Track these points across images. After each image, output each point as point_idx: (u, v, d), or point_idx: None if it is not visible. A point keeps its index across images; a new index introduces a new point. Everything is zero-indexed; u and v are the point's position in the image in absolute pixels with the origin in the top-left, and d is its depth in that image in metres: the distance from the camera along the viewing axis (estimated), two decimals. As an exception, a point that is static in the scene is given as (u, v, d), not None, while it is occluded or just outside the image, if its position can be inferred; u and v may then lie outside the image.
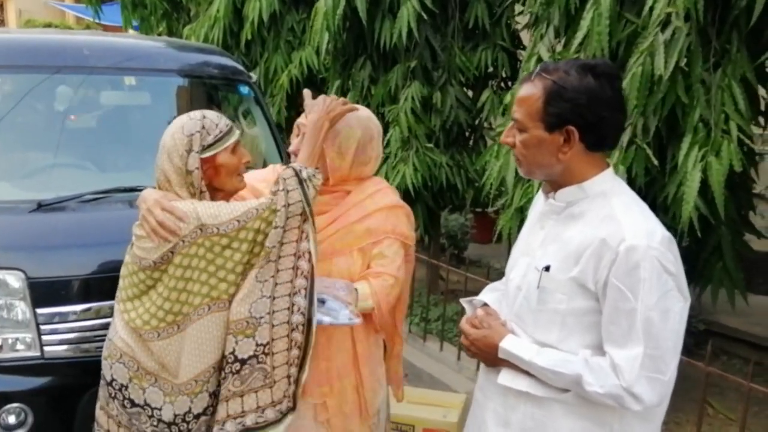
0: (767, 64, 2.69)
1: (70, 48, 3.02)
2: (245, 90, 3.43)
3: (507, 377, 1.56)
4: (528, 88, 1.49)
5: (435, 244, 5.02)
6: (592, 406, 1.47)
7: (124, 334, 1.77)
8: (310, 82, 5.17)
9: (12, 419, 2.25)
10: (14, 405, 2.25)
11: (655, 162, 2.62)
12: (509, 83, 4.43)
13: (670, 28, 2.52)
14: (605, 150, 1.55)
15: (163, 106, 3.21)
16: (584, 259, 1.44)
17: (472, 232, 5.96)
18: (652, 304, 1.39)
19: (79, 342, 2.33)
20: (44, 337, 2.30)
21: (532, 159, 1.52)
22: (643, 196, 1.70)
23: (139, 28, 7.64)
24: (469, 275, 3.72)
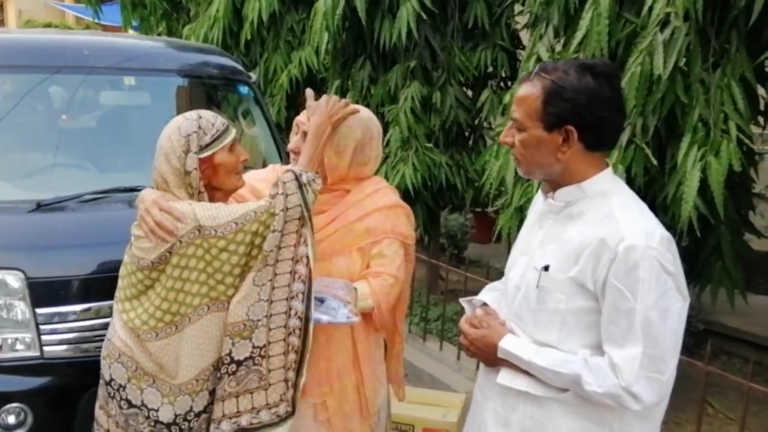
0: (766, 63, 2.69)
1: (70, 48, 3.02)
2: (245, 90, 3.43)
3: (506, 377, 1.56)
4: (527, 88, 1.49)
5: (435, 244, 5.02)
6: (591, 406, 1.47)
7: (123, 334, 1.77)
8: (310, 82, 5.16)
9: (12, 419, 2.25)
10: (14, 405, 2.25)
11: (655, 162, 2.62)
12: (509, 83, 4.43)
13: (670, 28, 2.52)
14: (604, 150, 1.55)
15: (162, 106, 3.20)
16: (583, 258, 1.44)
17: (472, 232, 5.96)
18: (651, 304, 1.39)
19: (79, 342, 2.33)
20: (44, 337, 2.30)
21: (531, 159, 1.52)
22: (643, 196, 1.70)
23: (139, 28, 7.64)
24: (469, 275, 3.72)
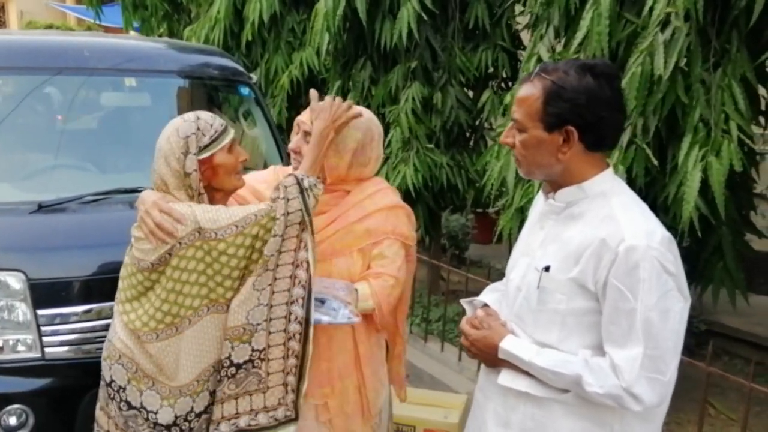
0: (767, 63, 2.69)
1: (71, 49, 3.02)
2: (246, 91, 3.43)
3: (507, 378, 1.56)
4: (527, 89, 1.49)
5: (436, 245, 5.02)
6: (592, 407, 1.47)
7: (123, 336, 1.77)
8: (311, 82, 5.16)
9: (13, 420, 2.25)
10: (15, 406, 2.25)
11: (655, 162, 2.62)
12: (510, 83, 4.43)
13: (670, 28, 2.52)
14: (605, 150, 1.55)
15: (163, 107, 3.20)
16: (584, 259, 1.44)
17: (473, 233, 5.96)
18: (652, 305, 1.38)
19: (80, 343, 2.33)
20: (45, 339, 2.30)
21: (532, 159, 1.52)
22: (644, 197, 1.70)
23: (140, 29, 7.65)
24: (470, 276, 3.72)
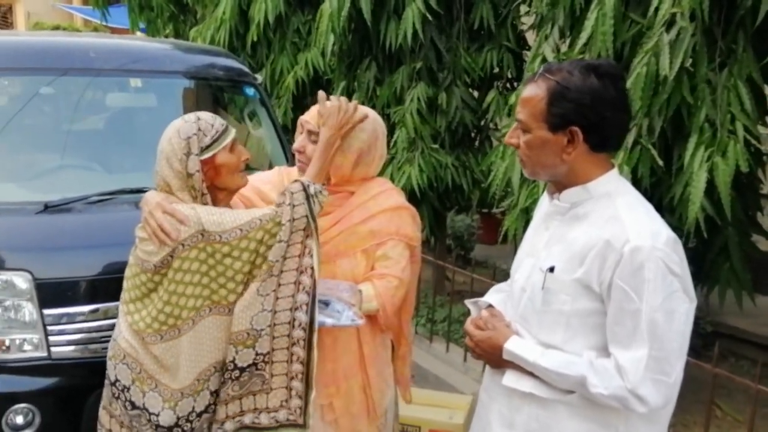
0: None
1: (77, 50, 3.04)
2: (251, 92, 3.44)
3: (512, 378, 1.56)
4: (531, 89, 1.49)
5: (441, 245, 5.01)
6: (597, 408, 1.47)
7: (128, 335, 1.77)
8: (316, 83, 5.17)
9: (20, 419, 2.27)
10: (22, 405, 2.27)
11: (661, 163, 2.61)
12: (515, 84, 4.42)
13: (676, 28, 2.51)
14: (609, 151, 1.54)
15: (168, 107, 3.21)
16: (589, 260, 1.44)
17: (479, 233, 5.95)
18: (657, 306, 1.38)
19: (87, 343, 2.35)
20: (51, 338, 2.31)
21: (536, 160, 1.52)
22: (649, 197, 1.69)
23: (146, 30, 7.67)
24: (475, 276, 3.71)
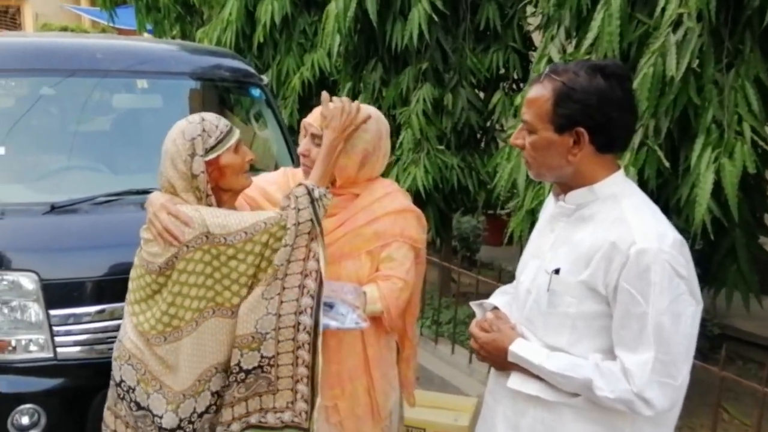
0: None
1: (83, 51, 3.05)
2: (257, 93, 3.44)
3: (517, 381, 1.55)
4: (537, 90, 1.48)
5: (447, 247, 5.00)
6: (602, 411, 1.46)
7: (133, 336, 1.78)
8: (322, 84, 5.18)
9: (25, 420, 2.27)
10: (27, 406, 2.27)
11: (667, 164, 2.60)
12: (521, 85, 4.41)
13: (682, 29, 2.49)
14: (616, 152, 1.53)
15: (175, 108, 3.22)
16: (594, 262, 1.43)
17: (485, 235, 5.94)
18: (663, 308, 1.37)
19: (93, 343, 2.35)
20: (57, 339, 2.32)
21: (542, 161, 1.51)
22: (656, 199, 1.68)
23: (153, 31, 7.70)
24: (481, 278, 3.70)
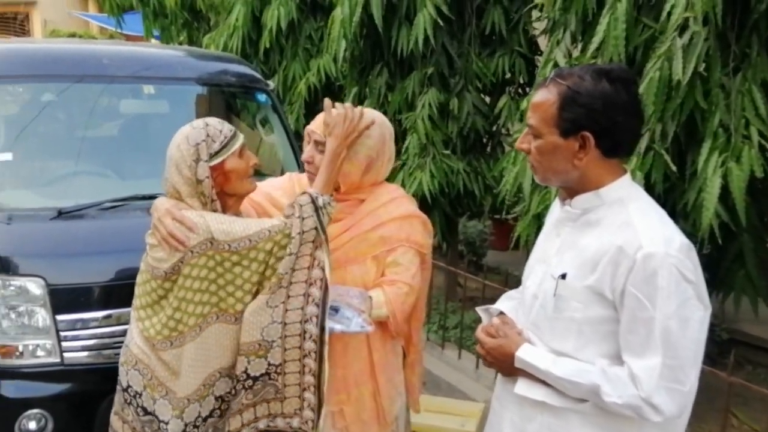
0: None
1: (91, 57, 3.07)
2: (263, 98, 3.45)
3: (523, 387, 1.54)
4: (542, 94, 1.48)
5: (453, 251, 4.99)
6: (610, 417, 1.45)
7: (140, 342, 1.78)
8: (328, 89, 5.18)
9: (32, 425, 2.28)
10: (34, 411, 2.28)
11: (674, 168, 2.59)
12: (527, 89, 4.40)
13: (689, 33, 2.48)
14: (622, 156, 1.53)
15: (181, 114, 3.23)
16: (601, 266, 1.42)
17: (491, 239, 5.93)
18: (671, 313, 1.36)
19: (99, 348, 2.36)
20: (64, 344, 2.33)
21: (548, 165, 1.50)
22: (663, 203, 1.67)
23: (160, 37, 7.73)
24: (488, 282, 3.69)
